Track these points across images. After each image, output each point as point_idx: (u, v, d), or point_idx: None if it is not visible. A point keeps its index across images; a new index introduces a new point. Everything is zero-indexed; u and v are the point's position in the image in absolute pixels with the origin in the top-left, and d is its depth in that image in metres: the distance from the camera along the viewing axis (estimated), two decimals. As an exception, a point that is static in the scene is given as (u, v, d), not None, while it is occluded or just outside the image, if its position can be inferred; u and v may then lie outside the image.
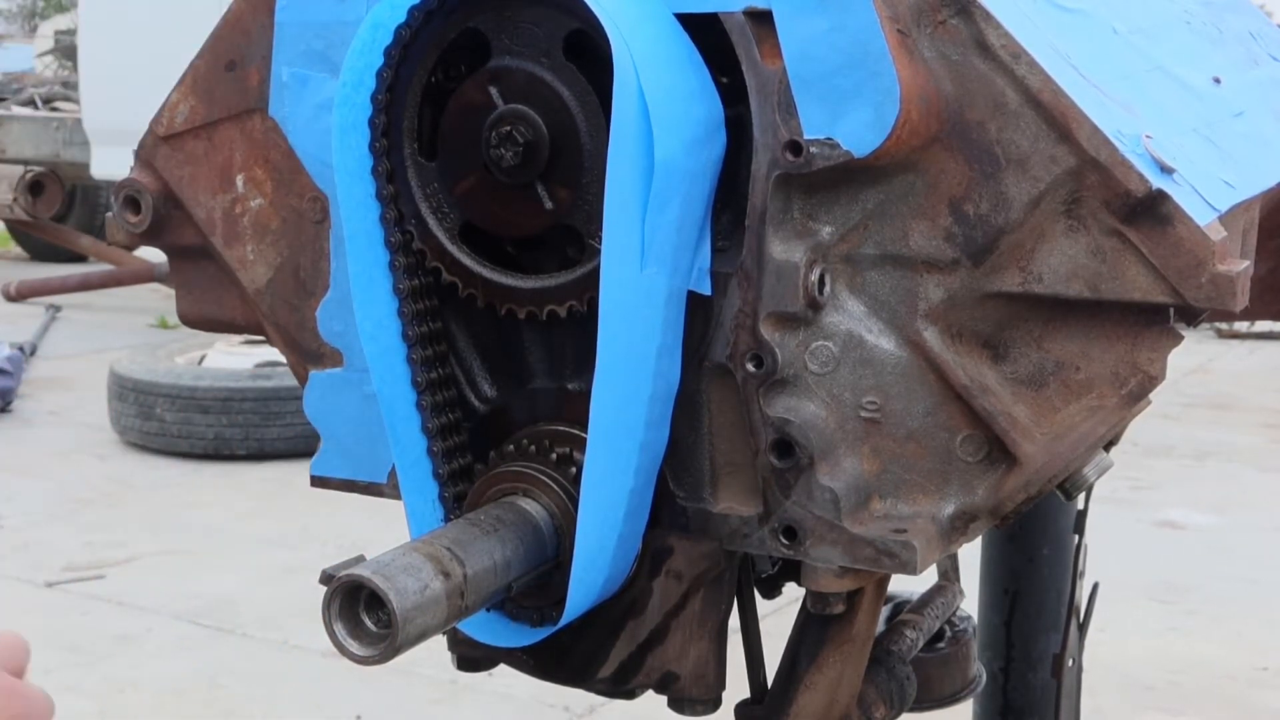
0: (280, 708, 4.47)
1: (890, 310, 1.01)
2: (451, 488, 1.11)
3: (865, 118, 0.95)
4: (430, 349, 1.09)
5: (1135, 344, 0.96)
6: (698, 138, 0.99)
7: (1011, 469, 1.01)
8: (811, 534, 1.02)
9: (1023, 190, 0.95)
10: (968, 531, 1.04)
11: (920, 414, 1.02)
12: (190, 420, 7.30)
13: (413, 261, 1.07)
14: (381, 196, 1.04)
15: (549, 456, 1.08)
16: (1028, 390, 1.00)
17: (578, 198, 1.02)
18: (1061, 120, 0.93)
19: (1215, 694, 4.61)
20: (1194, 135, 1.07)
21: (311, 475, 1.21)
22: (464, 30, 1.04)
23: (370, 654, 0.93)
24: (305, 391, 1.19)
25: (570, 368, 1.11)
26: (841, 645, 1.16)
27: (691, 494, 1.07)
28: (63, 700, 2.62)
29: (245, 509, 6.52)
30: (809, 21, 0.95)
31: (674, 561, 1.08)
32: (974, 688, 1.56)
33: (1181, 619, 5.23)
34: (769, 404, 1.01)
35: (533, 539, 1.04)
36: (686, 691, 1.11)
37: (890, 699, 1.28)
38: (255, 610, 5.21)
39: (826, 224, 1.00)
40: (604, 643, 1.12)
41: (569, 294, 1.05)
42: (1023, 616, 2.00)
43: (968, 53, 0.95)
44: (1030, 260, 0.96)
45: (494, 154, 1.02)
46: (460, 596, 0.96)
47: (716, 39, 0.99)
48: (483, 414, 1.14)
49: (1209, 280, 0.91)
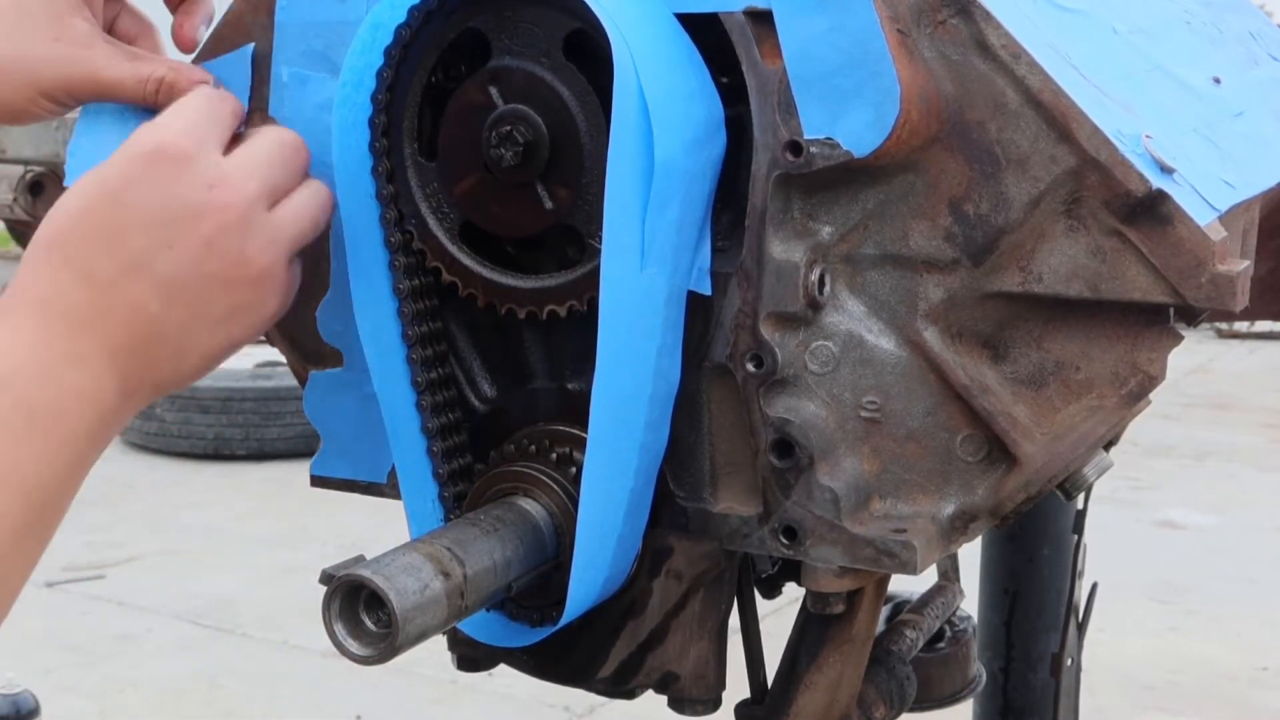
0: (280, 708, 4.47)
1: (890, 310, 1.01)
2: (451, 488, 1.11)
3: (865, 118, 0.95)
4: (430, 349, 1.09)
5: (1135, 344, 0.96)
6: (698, 138, 0.99)
7: (1011, 469, 1.01)
8: (811, 534, 1.02)
9: (1023, 190, 0.95)
10: (968, 531, 1.04)
11: (920, 414, 1.02)
12: (190, 420, 7.30)
13: (413, 261, 1.07)
14: (381, 197, 1.04)
15: (549, 456, 1.08)
16: (1028, 390, 1.00)
17: (578, 198, 1.02)
18: (1061, 120, 0.93)
19: (1215, 694, 4.61)
20: (1194, 135, 1.07)
21: (311, 475, 1.21)
22: (464, 30, 1.04)
23: (370, 654, 0.93)
24: (305, 391, 1.19)
25: (570, 368, 1.11)
26: (841, 645, 1.16)
27: (691, 494, 1.07)
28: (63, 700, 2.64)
29: (245, 509, 6.52)
30: (809, 21, 0.95)
31: (674, 561, 1.08)
32: (974, 688, 1.56)
33: (1181, 619, 5.23)
34: (769, 404, 1.01)
35: (533, 539, 1.04)
36: (686, 691, 1.11)
37: (890, 699, 1.28)
38: (255, 610, 5.21)
39: (826, 224, 1.00)
40: (604, 643, 1.12)
41: (569, 294, 1.05)
42: (1023, 616, 2.00)
43: (968, 53, 0.95)
44: (1030, 260, 0.96)
45: (494, 154, 1.02)
46: (460, 596, 0.96)
47: (716, 39, 0.99)
48: (483, 414, 1.14)
49: (1209, 280, 0.91)
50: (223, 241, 0.94)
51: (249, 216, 0.95)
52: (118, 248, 0.93)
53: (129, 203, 0.94)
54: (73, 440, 0.91)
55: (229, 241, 0.95)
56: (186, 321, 0.95)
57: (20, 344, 0.91)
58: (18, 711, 2.83)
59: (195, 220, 0.94)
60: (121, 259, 0.93)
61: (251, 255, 0.96)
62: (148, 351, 0.94)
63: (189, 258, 0.94)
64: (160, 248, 0.93)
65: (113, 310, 0.93)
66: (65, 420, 0.90)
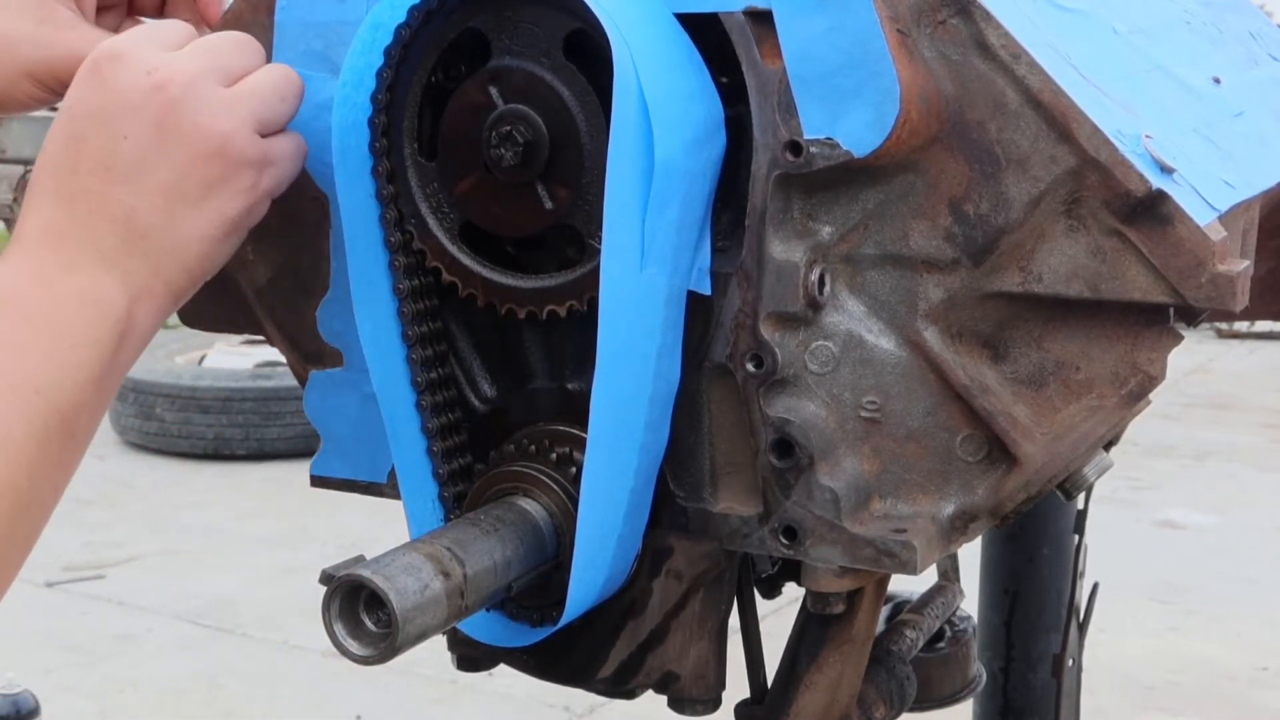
0: (280, 708, 4.47)
1: (890, 310, 1.01)
2: (451, 488, 1.11)
3: (865, 118, 0.95)
4: (430, 349, 1.09)
5: (1135, 344, 0.96)
6: (698, 138, 0.99)
7: (1011, 469, 1.01)
8: (811, 534, 1.02)
9: (1023, 190, 0.95)
10: (968, 531, 1.04)
11: (920, 414, 1.02)
12: (190, 420, 7.30)
13: (413, 261, 1.07)
14: (381, 197, 1.04)
15: (549, 456, 1.08)
16: (1028, 390, 1.00)
17: (578, 198, 1.02)
18: (1061, 120, 0.93)
19: (1215, 694, 4.61)
20: (1194, 135, 1.07)
21: (311, 475, 1.21)
22: (464, 30, 1.04)
23: (370, 654, 0.93)
24: (305, 391, 1.19)
25: (570, 368, 1.11)
26: (841, 645, 1.16)
27: (691, 494, 1.07)
28: (63, 700, 2.63)
29: (245, 509, 6.52)
30: (809, 21, 0.95)
31: (674, 561, 1.08)
32: (974, 688, 1.56)
33: (1181, 619, 5.23)
34: (769, 404, 1.01)
35: (533, 539, 1.04)
36: (686, 691, 1.11)
37: (890, 699, 1.28)
38: (255, 610, 5.21)
39: (826, 224, 1.00)
40: (604, 643, 1.12)
41: (569, 294, 1.05)
42: (1023, 616, 2.00)
43: (968, 53, 0.95)
44: (1030, 260, 0.96)
45: (494, 154, 1.02)
46: (460, 596, 0.96)
47: (716, 39, 0.99)
48: (483, 414, 1.14)
49: (1209, 280, 0.91)
50: (172, 118, 0.95)
51: (194, 90, 0.96)
52: (80, 156, 0.95)
53: (80, 112, 0.96)
54: (83, 344, 0.91)
55: (179, 117, 0.95)
56: (165, 206, 0.96)
57: (12, 270, 0.93)
58: (18, 711, 2.83)
59: (141, 106, 0.95)
60: (85, 165, 0.95)
61: (205, 124, 0.96)
62: (140, 246, 0.95)
63: (145, 142, 0.95)
64: (116, 141, 0.95)
65: (91, 214, 0.95)
66: (71, 324, 0.91)
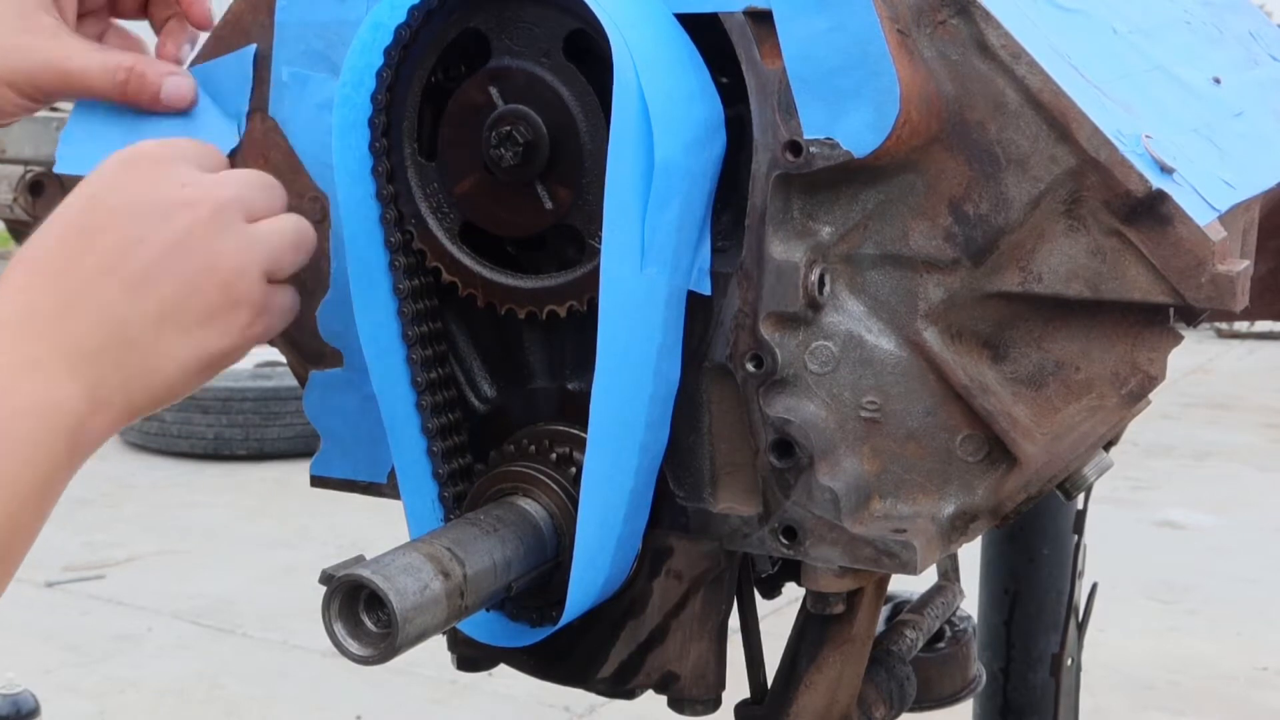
0: (280, 708, 4.47)
1: (890, 310, 1.01)
2: (451, 488, 1.11)
3: (865, 118, 0.95)
4: (430, 349, 1.09)
5: (1135, 344, 0.96)
6: (698, 138, 0.99)
7: (1012, 469, 1.01)
8: (811, 534, 1.02)
9: (1023, 190, 0.95)
10: (968, 531, 1.04)
11: (920, 414, 1.02)
12: (190, 420, 7.30)
13: (413, 261, 1.07)
14: (381, 197, 1.04)
15: (549, 456, 1.08)
16: (1028, 390, 1.00)
17: (578, 198, 1.02)
18: (1061, 120, 0.93)
19: (1215, 694, 4.61)
20: (1194, 135, 1.07)
21: (311, 475, 1.21)
22: (464, 30, 1.04)
23: (370, 654, 0.93)
24: (305, 391, 1.19)
25: (570, 368, 1.11)
26: (841, 645, 1.16)
27: (691, 494, 1.07)
28: (63, 700, 2.63)
29: (245, 509, 6.52)
30: (809, 21, 0.95)
31: (674, 561, 1.08)
32: (974, 688, 1.56)
33: (1181, 619, 5.23)
34: (769, 404, 1.01)
35: (533, 539, 1.04)
36: (686, 691, 1.11)
37: (890, 699, 1.28)
38: (255, 610, 5.21)
39: (826, 224, 1.00)
40: (604, 643, 1.12)
41: (569, 294, 1.05)
42: (1023, 616, 2.00)
43: (968, 53, 0.95)
44: (1030, 260, 0.97)
45: (494, 154, 1.02)
46: (460, 596, 0.96)
47: (716, 39, 0.99)
48: (483, 414, 1.14)
49: (1209, 280, 0.91)
50: (192, 239, 0.93)
51: (221, 217, 0.94)
52: (90, 247, 0.92)
53: (102, 203, 0.93)
54: (34, 461, 0.86)
55: (199, 239, 0.93)
56: (156, 324, 0.92)
57: None
58: (18, 711, 2.83)
59: (166, 216, 0.93)
60: (92, 259, 0.91)
61: (221, 254, 0.93)
62: (116, 357, 0.91)
63: (159, 252, 0.92)
64: (131, 244, 0.92)
65: (78, 311, 0.90)
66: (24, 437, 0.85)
